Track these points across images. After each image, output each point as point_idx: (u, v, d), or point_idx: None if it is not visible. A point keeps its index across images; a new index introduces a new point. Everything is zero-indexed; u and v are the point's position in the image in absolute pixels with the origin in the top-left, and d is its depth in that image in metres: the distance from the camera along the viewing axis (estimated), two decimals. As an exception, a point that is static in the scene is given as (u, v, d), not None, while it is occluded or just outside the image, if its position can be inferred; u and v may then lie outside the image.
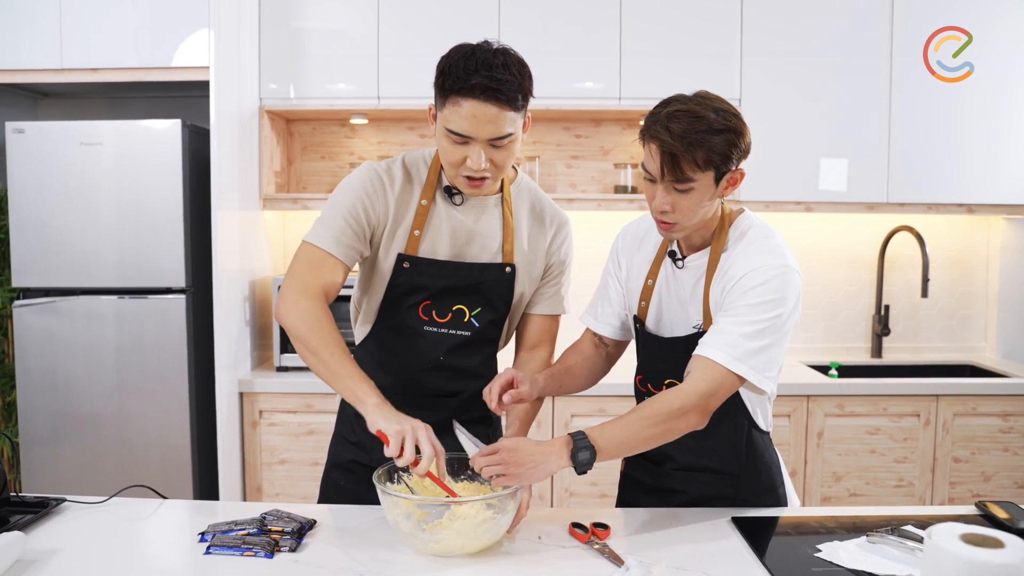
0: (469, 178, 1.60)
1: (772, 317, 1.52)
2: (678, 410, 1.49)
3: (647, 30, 3.29)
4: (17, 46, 3.04)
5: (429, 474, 1.48)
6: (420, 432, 1.45)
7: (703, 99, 1.52)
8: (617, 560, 1.43)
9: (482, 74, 1.48)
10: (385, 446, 1.45)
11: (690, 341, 1.63)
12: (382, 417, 1.47)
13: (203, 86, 3.01)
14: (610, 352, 1.89)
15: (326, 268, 1.64)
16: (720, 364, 1.51)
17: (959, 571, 1.05)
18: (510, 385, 1.65)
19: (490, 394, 1.63)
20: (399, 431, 1.43)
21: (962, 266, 3.75)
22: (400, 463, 1.44)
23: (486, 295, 1.75)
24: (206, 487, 3.18)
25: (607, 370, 1.92)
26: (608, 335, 1.85)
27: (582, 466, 1.45)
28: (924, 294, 3.44)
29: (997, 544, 1.07)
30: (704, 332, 1.61)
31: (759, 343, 1.51)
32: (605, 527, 1.56)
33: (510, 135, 1.56)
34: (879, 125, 3.33)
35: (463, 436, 1.57)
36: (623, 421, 1.50)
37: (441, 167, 1.70)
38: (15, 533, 1.39)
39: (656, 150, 1.50)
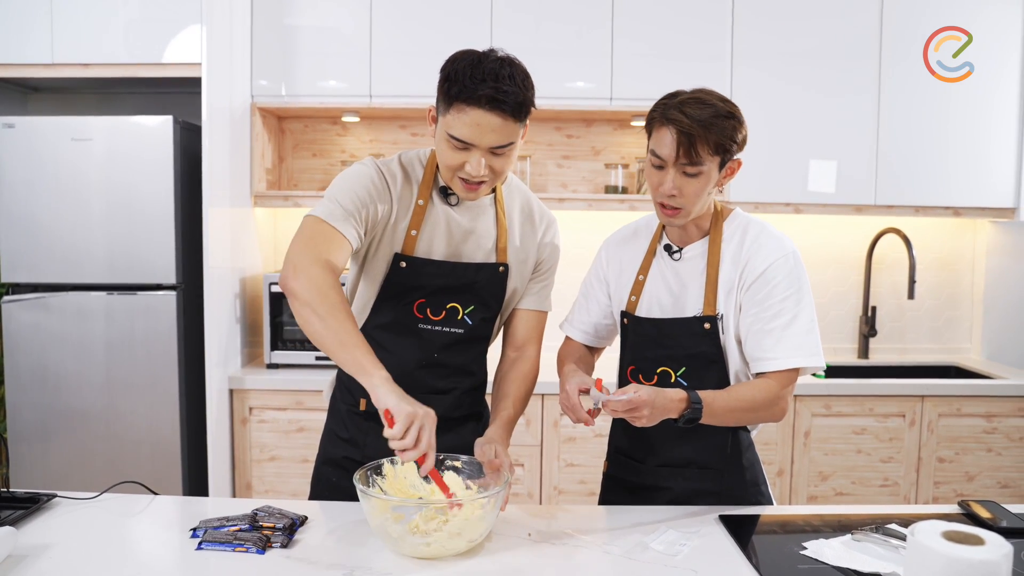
0: (466, 182, 1.61)
1: (807, 300, 1.67)
2: (763, 402, 1.64)
3: (638, 30, 3.30)
4: (8, 40, 3.03)
5: (432, 472, 1.45)
6: (428, 422, 1.42)
7: (705, 91, 1.63)
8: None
9: (489, 84, 1.50)
10: (387, 427, 1.40)
11: (685, 325, 1.70)
12: (393, 395, 1.41)
13: (195, 82, 3.00)
14: (591, 354, 1.99)
15: (335, 243, 1.57)
16: (795, 368, 1.65)
17: (941, 567, 1.07)
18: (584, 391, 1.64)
19: (577, 412, 1.60)
20: (411, 414, 1.39)
21: (948, 268, 3.78)
22: (396, 446, 1.40)
23: (479, 294, 1.76)
24: (195, 483, 3.18)
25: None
26: (582, 341, 1.93)
27: (685, 424, 1.57)
28: (911, 296, 3.47)
29: (978, 541, 1.09)
30: (704, 317, 1.68)
31: (812, 327, 1.67)
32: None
33: (511, 144, 1.59)
34: (867, 127, 3.35)
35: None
36: (728, 397, 1.61)
37: (437, 167, 1.71)
38: (6, 528, 1.40)
39: (673, 132, 1.59)
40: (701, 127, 1.56)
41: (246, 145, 3.32)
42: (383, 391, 1.42)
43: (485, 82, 1.50)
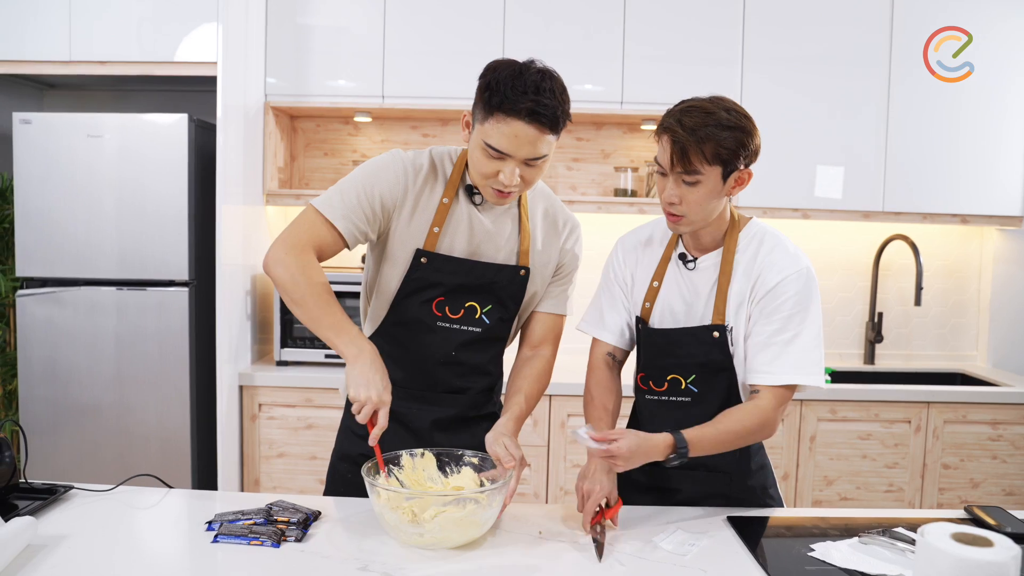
0: (498, 190, 1.64)
1: (814, 318, 1.66)
2: (753, 427, 1.64)
3: (650, 34, 3.32)
4: (25, 37, 3.05)
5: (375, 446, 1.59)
6: (383, 410, 1.56)
7: (717, 100, 1.62)
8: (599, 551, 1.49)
9: (530, 97, 1.53)
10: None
11: (694, 334, 1.71)
12: (352, 381, 1.57)
13: (208, 81, 3.03)
14: (620, 367, 1.91)
15: (325, 235, 1.66)
16: (791, 385, 1.65)
17: (950, 568, 1.09)
18: (601, 514, 1.62)
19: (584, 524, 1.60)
20: (360, 402, 1.55)
21: (955, 275, 3.79)
22: (359, 420, 1.56)
23: (498, 294, 1.78)
24: (205, 479, 3.21)
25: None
26: (618, 344, 1.86)
27: (671, 464, 1.58)
28: (917, 302, 3.48)
29: (987, 543, 1.11)
30: (713, 326, 1.68)
31: (816, 346, 1.66)
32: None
33: (545, 156, 1.61)
34: (876, 134, 3.37)
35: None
36: (716, 431, 1.61)
37: (466, 166, 1.74)
38: (26, 518, 1.42)
39: (668, 142, 1.59)
40: (694, 137, 1.55)
41: (259, 144, 3.34)
42: (347, 373, 1.59)
43: (526, 94, 1.53)
